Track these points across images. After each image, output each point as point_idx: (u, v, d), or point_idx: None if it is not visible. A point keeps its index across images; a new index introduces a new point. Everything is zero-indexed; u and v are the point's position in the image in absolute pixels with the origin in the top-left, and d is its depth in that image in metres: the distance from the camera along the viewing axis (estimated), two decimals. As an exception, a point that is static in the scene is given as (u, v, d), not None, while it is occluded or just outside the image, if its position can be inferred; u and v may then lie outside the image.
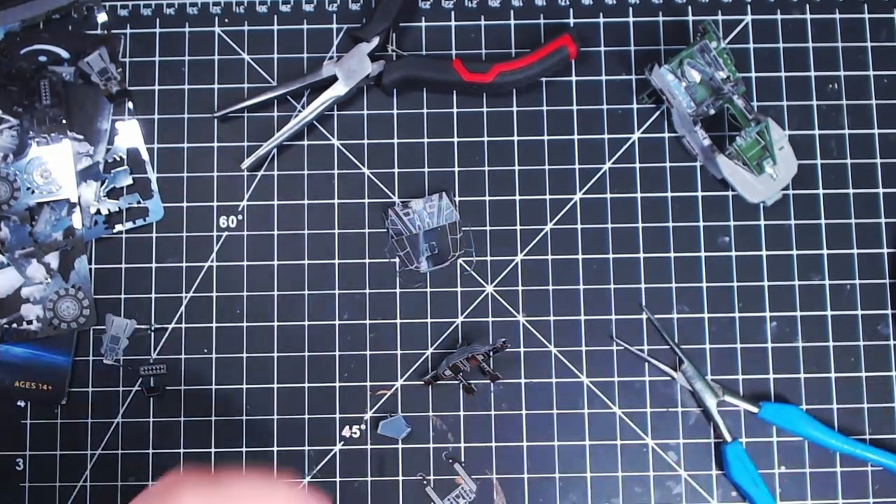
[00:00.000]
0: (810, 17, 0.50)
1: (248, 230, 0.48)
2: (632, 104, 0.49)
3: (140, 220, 0.48)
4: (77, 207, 0.48)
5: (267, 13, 0.50)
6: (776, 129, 0.46)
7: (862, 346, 0.47)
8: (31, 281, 0.47)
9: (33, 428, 0.47)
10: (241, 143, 0.49)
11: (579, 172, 0.49)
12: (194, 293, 0.48)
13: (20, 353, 0.47)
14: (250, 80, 0.49)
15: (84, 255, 0.48)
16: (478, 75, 0.47)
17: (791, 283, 0.48)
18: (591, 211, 0.48)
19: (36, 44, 0.49)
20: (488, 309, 0.48)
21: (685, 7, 0.50)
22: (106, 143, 0.49)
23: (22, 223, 0.48)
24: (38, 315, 0.47)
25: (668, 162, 0.49)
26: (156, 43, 0.50)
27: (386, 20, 0.48)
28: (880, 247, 0.48)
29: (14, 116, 0.48)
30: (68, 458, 0.47)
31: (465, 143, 0.49)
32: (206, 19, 0.50)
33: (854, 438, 0.46)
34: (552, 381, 0.47)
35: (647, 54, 0.49)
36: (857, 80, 0.49)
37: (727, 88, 0.46)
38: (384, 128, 0.49)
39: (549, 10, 0.50)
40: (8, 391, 0.47)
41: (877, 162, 0.49)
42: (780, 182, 0.46)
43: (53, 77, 0.49)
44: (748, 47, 0.49)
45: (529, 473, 0.47)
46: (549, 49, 0.47)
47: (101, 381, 0.47)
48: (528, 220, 0.48)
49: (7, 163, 0.48)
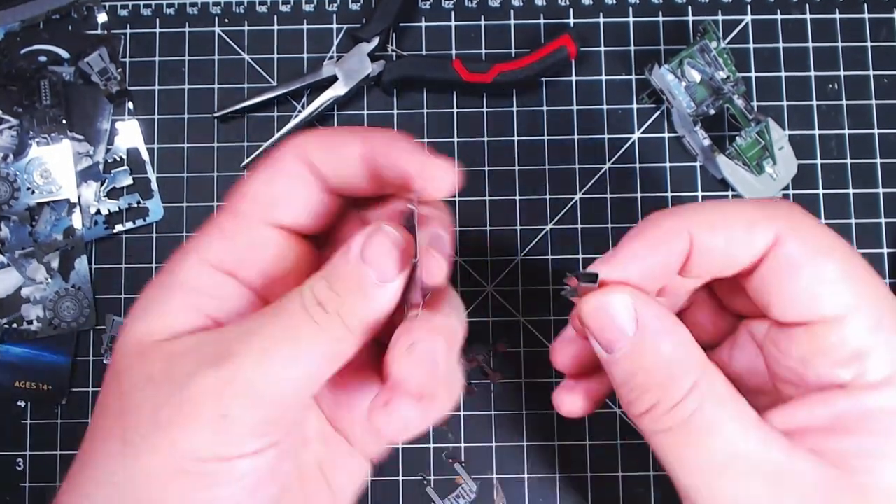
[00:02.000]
0: (810, 17, 0.50)
1: (249, 230, 0.48)
2: (632, 104, 0.49)
3: (140, 220, 0.48)
4: (77, 207, 0.48)
5: (267, 13, 0.50)
6: (776, 129, 0.46)
7: (862, 346, 0.47)
8: (32, 281, 0.47)
9: (33, 428, 0.47)
10: (241, 143, 0.49)
11: (579, 172, 0.49)
12: (194, 293, 0.48)
13: (20, 353, 0.47)
14: (250, 80, 0.49)
15: (84, 255, 0.48)
16: (478, 75, 0.47)
17: (791, 283, 0.48)
18: (592, 211, 0.48)
19: (36, 44, 0.49)
20: (488, 309, 0.48)
21: (685, 7, 0.50)
22: (106, 143, 0.49)
23: (22, 223, 0.48)
24: (38, 315, 0.47)
25: (668, 162, 0.49)
26: (156, 43, 0.50)
27: (386, 20, 0.48)
28: (880, 247, 0.48)
29: (14, 116, 0.48)
30: (69, 458, 0.47)
31: (466, 142, 0.49)
32: (206, 19, 0.50)
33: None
34: (552, 380, 0.47)
35: (647, 54, 0.49)
36: (857, 80, 0.49)
37: (727, 88, 0.46)
38: (384, 127, 0.49)
39: (549, 10, 0.50)
40: (8, 391, 0.47)
41: (877, 162, 0.49)
42: (780, 182, 0.46)
43: (53, 77, 0.49)
44: (748, 47, 0.50)
45: (529, 473, 0.47)
46: (549, 49, 0.47)
47: (102, 382, 0.47)
48: (528, 220, 0.48)
49: (7, 163, 0.48)
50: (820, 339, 0.27)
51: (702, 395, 0.27)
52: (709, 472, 0.27)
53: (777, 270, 0.28)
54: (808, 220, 0.28)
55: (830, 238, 0.28)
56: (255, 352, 0.27)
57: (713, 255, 0.29)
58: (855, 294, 0.27)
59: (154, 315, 0.29)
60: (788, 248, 0.28)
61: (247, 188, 0.31)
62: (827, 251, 0.28)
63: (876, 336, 0.27)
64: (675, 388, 0.27)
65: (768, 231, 0.28)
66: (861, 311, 0.27)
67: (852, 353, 0.27)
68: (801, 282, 0.27)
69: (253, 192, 0.31)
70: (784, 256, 0.28)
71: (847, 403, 0.26)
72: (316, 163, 0.30)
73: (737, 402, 0.28)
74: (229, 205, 0.31)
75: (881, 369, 0.26)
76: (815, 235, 0.28)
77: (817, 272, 0.27)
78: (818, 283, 0.27)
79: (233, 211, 0.31)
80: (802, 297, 0.27)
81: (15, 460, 0.47)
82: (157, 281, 0.31)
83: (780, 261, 0.28)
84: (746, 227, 0.28)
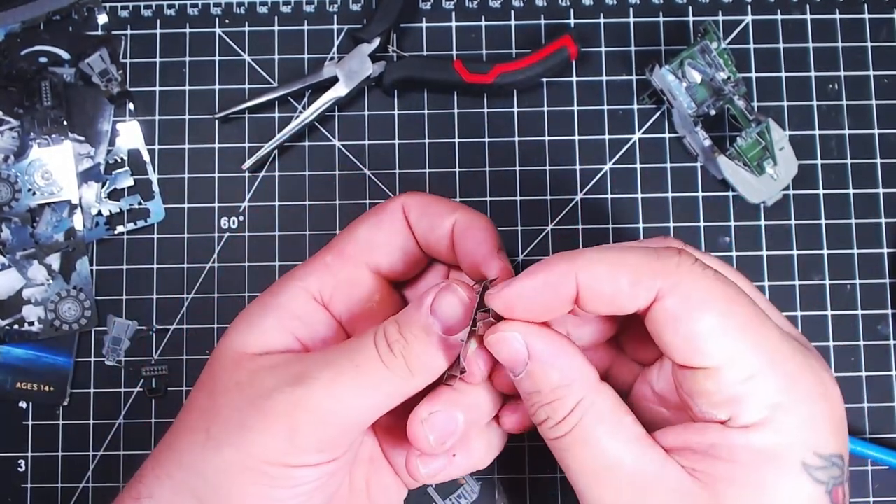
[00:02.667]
0: (810, 17, 0.50)
1: (250, 231, 0.48)
2: (632, 104, 0.49)
3: (141, 222, 0.48)
4: (78, 209, 0.48)
5: (268, 14, 0.50)
6: (776, 130, 0.46)
7: (862, 346, 0.48)
8: (33, 282, 0.47)
9: (35, 429, 0.47)
10: (242, 144, 0.49)
11: (580, 173, 0.49)
12: (196, 294, 0.48)
13: (21, 354, 0.47)
14: (251, 81, 0.49)
15: (85, 257, 0.48)
16: (479, 76, 0.47)
17: (791, 283, 0.48)
18: (592, 211, 0.48)
19: (36, 45, 0.49)
20: (489, 309, 0.48)
21: (685, 7, 0.50)
22: (107, 144, 0.49)
23: (23, 224, 0.48)
24: (39, 316, 0.47)
25: (668, 162, 0.49)
26: (156, 44, 0.50)
27: (387, 21, 0.48)
28: (880, 247, 0.48)
29: (15, 118, 0.48)
30: (70, 459, 0.47)
31: (466, 143, 0.49)
32: (206, 20, 0.50)
33: (854, 437, 0.46)
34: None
35: (647, 55, 0.50)
36: (857, 80, 0.49)
37: (728, 89, 0.46)
38: (385, 128, 0.49)
39: (550, 11, 0.50)
40: (9, 392, 0.47)
41: (877, 162, 0.49)
42: (780, 182, 0.46)
43: (54, 78, 0.49)
44: (748, 47, 0.50)
45: (531, 473, 0.47)
46: (550, 50, 0.47)
47: (103, 383, 0.47)
48: (529, 221, 0.48)
49: (8, 164, 0.48)
50: (700, 383, 0.30)
51: (583, 413, 0.31)
52: (588, 477, 0.31)
53: (660, 321, 0.30)
54: (691, 275, 0.30)
55: (713, 292, 0.30)
56: (327, 379, 0.31)
57: (600, 301, 0.31)
58: (730, 347, 0.29)
59: (252, 330, 0.34)
60: (668, 303, 0.30)
61: (354, 232, 0.36)
62: (705, 307, 0.29)
63: (747, 386, 0.29)
64: (560, 406, 0.31)
65: (651, 289, 0.30)
66: (735, 363, 0.29)
67: (726, 399, 0.29)
68: (679, 335, 0.30)
69: (358, 236, 0.36)
70: (664, 311, 0.30)
71: (719, 437, 0.30)
72: (412, 222, 0.36)
73: (619, 419, 0.31)
74: (337, 244, 0.36)
75: (752, 415, 0.29)
76: (696, 290, 0.30)
77: (694, 328, 0.29)
78: (694, 338, 0.29)
79: (339, 250, 0.36)
80: (682, 348, 0.30)
81: (16, 461, 0.47)
82: (260, 300, 0.36)
83: (661, 314, 0.30)
84: (630, 283, 0.30)
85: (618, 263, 0.30)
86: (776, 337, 0.30)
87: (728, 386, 0.29)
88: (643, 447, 0.31)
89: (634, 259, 0.30)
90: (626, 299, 0.30)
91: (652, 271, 0.30)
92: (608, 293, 0.30)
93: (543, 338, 0.32)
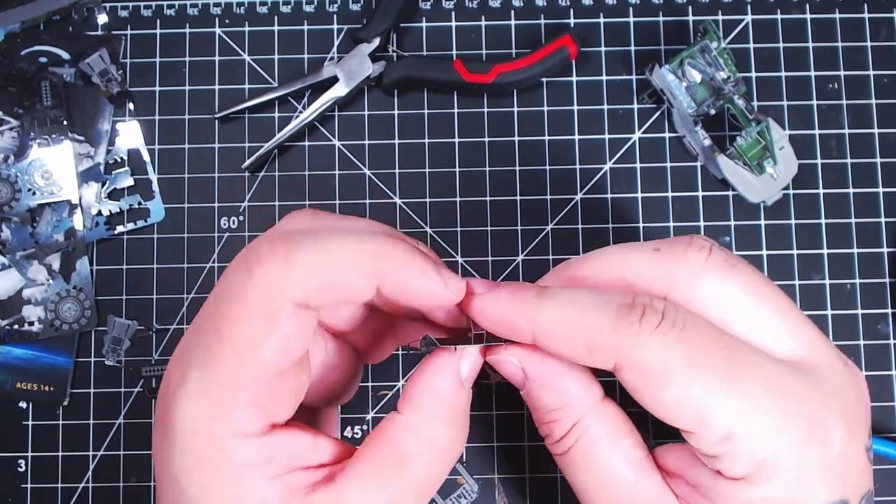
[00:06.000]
0: (810, 17, 0.50)
1: (250, 231, 0.48)
2: (632, 104, 0.49)
3: (141, 221, 0.48)
4: (78, 209, 0.48)
5: (267, 14, 0.50)
6: (776, 129, 0.46)
7: (862, 345, 0.48)
8: (33, 282, 0.47)
9: (35, 429, 0.47)
10: (241, 144, 0.49)
11: (580, 173, 0.49)
12: (196, 294, 0.48)
13: (21, 354, 0.47)
14: (251, 80, 0.49)
15: (85, 257, 0.48)
16: (478, 76, 0.47)
17: (792, 283, 0.48)
18: (592, 211, 0.48)
19: (36, 45, 0.49)
20: (489, 309, 0.48)
21: (685, 7, 0.50)
22: (107, 144, 0.49)
23: (23, 224, 0.48)
24: (39, 316, 0.47)
25: (668, 162, 0.49)
26: (156, 44, 0.50)
27: (386, 21, 0.48)
28: (880, 246, 0.48)
29: (15, 118, 0.48)
30: (70, 459, 0.47)
31: (466, 143, 0.49)
32: (206, 20, 0.50)
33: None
34: (553, 380, 0.47)
35: (647, 54, 0.50)
36: (857, 80, 0.49)
37: (728, 88, 0.46)
38: (385, 128, 0.49)
39: (550, 11, 0.50)
40: (9, 392, 0.47)
41: (877, 162, 0.49)
42: (780, 182, 0.46)
43: (54, 78, 0.49)
44: (748, 47, 0.50)
45: (531, 473, 0.47)
46: (550, 49, 0.47)
47: (103, 383, 0.47)
48: (528, 221, 0.48)
49: (8, 164, 0.48)
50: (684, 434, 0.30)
51: (579, 435, 0.32)
52: (589, 492, 0.32)
53: (625, 384, 0.30)
54: (645, 348, 0.29)
55: (675, 358, 0.28)
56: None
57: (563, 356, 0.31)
58: (699, 410, 0.29)
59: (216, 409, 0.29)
60: (626, 376, 0.29)
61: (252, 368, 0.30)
62: (664, 380, 0.29)
63: (726, 446, 0.29)
64: (557, 427, 0.32)
65: (608, 359, 0.29)
66: (708, 427, 0.29)
67: (710, 456, 0.30)
68: (645, 403, 0.30)
69: (262, 370, 0.31)
70: (625, 381, 0.30)
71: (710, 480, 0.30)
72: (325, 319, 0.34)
73: (617, 442, 0.32)
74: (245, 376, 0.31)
75: (738, 469, 0.29)
76: (653, 362, 0.29)
77: (657, 399, 0.29)
78: (658, 408, 0.29)
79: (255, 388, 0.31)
80: (653, 410, 0.29)
81: (16, 461, 0.47)
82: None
83: (624, 381, 0.30)
84: (587, 349, 0.30)
85: (575, 326, 0.29)
86: (761, 377, 0.29)
87: (707, 445, 0.29)
88: (639, 473, 0.31)
89: (593, 321, 0.29)
90: (586, 362, 0.30)
91: (605, 343, 0.29)
92: (566, 354, 0.30)
93: (537, 361, 0.32)
